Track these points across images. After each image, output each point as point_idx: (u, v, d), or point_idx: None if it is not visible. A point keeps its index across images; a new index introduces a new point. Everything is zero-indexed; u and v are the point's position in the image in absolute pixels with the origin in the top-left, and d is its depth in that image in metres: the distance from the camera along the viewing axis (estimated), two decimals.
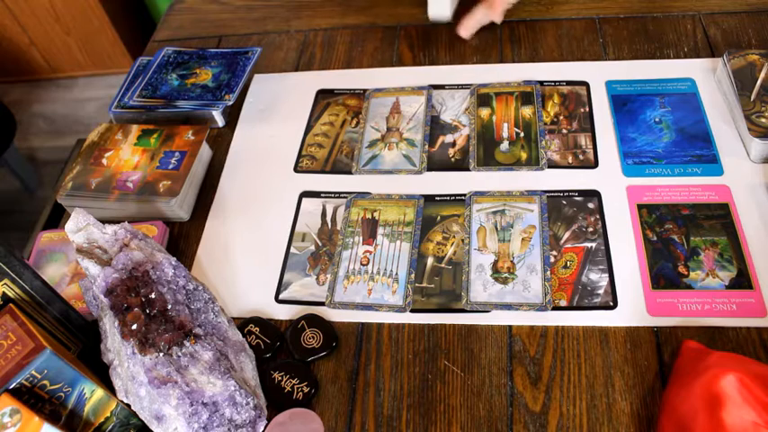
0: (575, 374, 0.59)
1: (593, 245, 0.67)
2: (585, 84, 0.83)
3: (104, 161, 0.79)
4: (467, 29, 0.90)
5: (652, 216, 0.69)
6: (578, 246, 0.67)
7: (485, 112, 0.82)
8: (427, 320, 0.64)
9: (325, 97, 0.87)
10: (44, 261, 0.72)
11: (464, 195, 0.73)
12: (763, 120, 0.71)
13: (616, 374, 0.58)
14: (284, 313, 0.67)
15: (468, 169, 0.76)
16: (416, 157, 0.78)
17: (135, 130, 0.82)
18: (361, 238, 0.71)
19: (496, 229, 0.70)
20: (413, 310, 0.65)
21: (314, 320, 0.64)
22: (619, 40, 0.88)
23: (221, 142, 0.85)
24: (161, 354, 0.53)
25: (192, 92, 0.86)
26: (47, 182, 2.02)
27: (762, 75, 0.75)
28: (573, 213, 0.70)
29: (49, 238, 0.73)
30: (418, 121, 0.82)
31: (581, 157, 0.75)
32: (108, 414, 0.55)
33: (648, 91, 0.80)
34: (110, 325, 0.56)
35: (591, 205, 0.71)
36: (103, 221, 0.61)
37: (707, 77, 0.81)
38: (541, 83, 0.84)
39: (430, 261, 0.68)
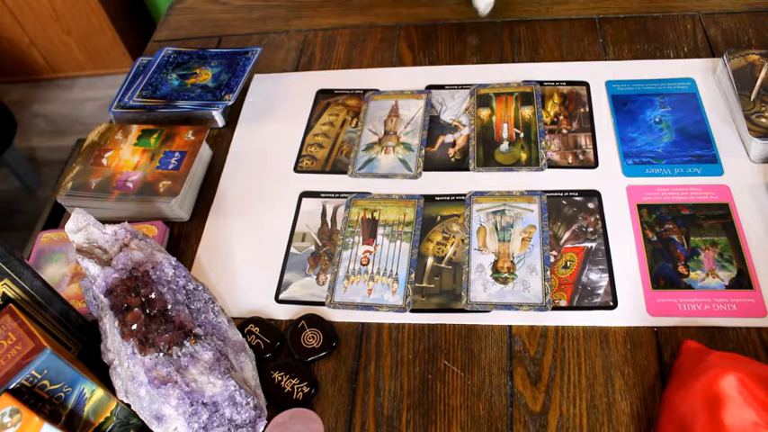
0: (575, 374, 0.59)
1: (594, 245, 0.67)
2: (585, 84, 0.83)
3: (104, 161, 0.79)
4: None
5: (652, 216, 0.69)
6: (578, 246, 0.67)
7: (484, 113, 0.82)
8: (427, 320, 0.64)
9: (325, 97, 0.87)
10: (44, 261, 0.72)
11: (464, 195, 0.74)
12: (763, 120, 0.71)
13: (616, 374, 0.58)
14: (284, 313, 0.67)
15: (467, 169, 0.76)
16: (413, 162, 0.78)
17: (135, 130, 0.82)
18: (361, 238, 0.71)
19: (496, 229, 0.70)
20: (413, 310, 0.65)
21: (314, 320, 0.64)
22: (619, 40, 0.88)
23: (221, 142, 0.85)
24: (161, 354, 0.53)
25: (192, 92, 0.86)
26: (47, 182, 2.02)
27: (762, 75, 0.75)
28: (573, 213, 0.70)
29: (49, 238, 0.73)
30: (416, 125, 0.82)
31: (581, 157, 0.75)
32: (108, 414, 0.55)
33: (648, 91, 0.80)
34: (110, 325, 0.56)
35: (591, 205, 0.71)
36: (103, 221, 0.61)
37: (707, 77, 0.81)
38: (541, 83, 0.84)
39: (430, 261, 0.68)
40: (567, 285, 0.65)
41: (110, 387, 0.55)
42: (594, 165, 0.74)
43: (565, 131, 0.78)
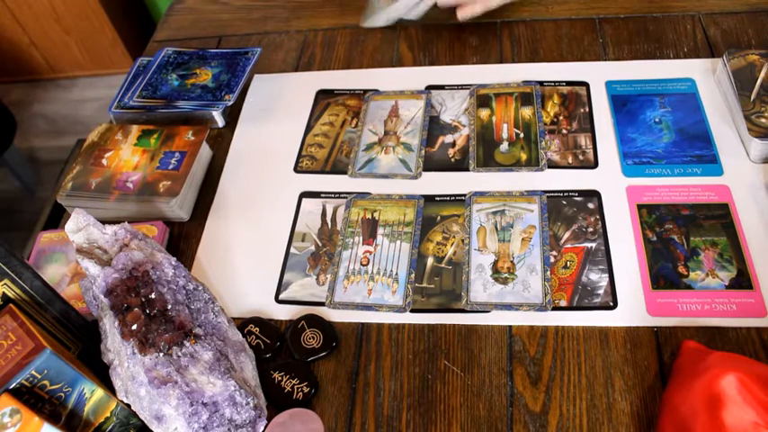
0: (575, 374, 0.59)
1: (594, 245, 0.67)
2: (585, 84, 0.83)
3: (104, 161, 0.79)
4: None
5: (652, 216, 0.69)
6: (578, 246, 0.67)
7: (484, 113, 0.82)
8: (427, 320, 0.64)
9: (325, 97, 0.87)
10: (44, 261, 0.72)
11: (464, 195, 0.74)
12: (763, 120, 0.71)
13: (616, 374, 0.58)
14: (284, 313, 0.67)
15: (467, 170, 0.76)
16: (412, 162, 0.78)
17: (135, 130, 0.82)
18: (361, 238, 0.71)
19: (496, 229, 0.70)
20: (413, 311, 0.65)
21: (314, 320, 0.64)
22: (619, 40, 0.88)
23: (221, 142, 0.85)
24: (161, 354, 0.53)
25: (192, 92, 0.86)
26: (47, 182, 2.02)
27: (762, 75, 0.75)
28: (573, 213, 0.70)
29: (49, 238, 0.73)
30: (416, 126, 0.82)
31: (581, 157, 0.75)
32: (108, 414, 0.55)
33: (648, 91, 0.80)
34: (110, 325, 0.56)
35: (591, 205, 0.71)
36: (103, 221, 0.61)
37: (707, 77, 0.81)
38: (541, 83, 0.84)
39: (430, 261, 0.68)
40: (567, 285, 0.65)
41: (110, 387, 0.55)
42: (594, 165, 0.74)
43: (565, 132, 0.78)
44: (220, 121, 0.86)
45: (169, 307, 0.56)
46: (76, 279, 0.70)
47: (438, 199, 0.74)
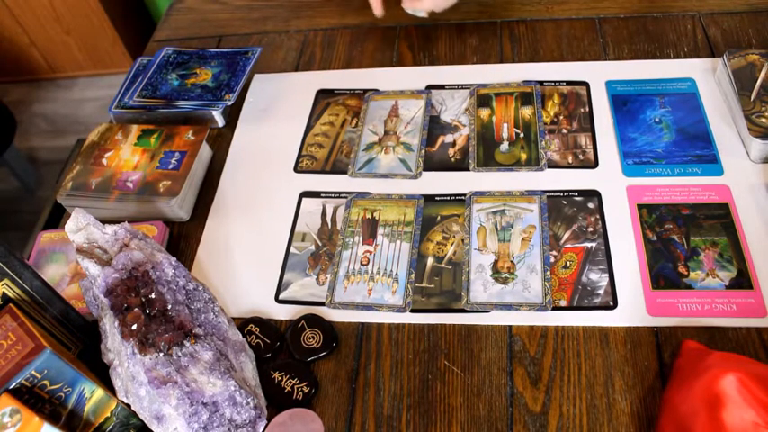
0: (575, 374, 0.59)
1: (594, 245, 0.67)
2: (585, 84, 0.83)
3: (104, 161, 0.79)
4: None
5: (652, 216, 0.69)
6: (578, 246, 0.67)
7: (484, 113, 0.82)
8: (427, 320, 0.64)
9: (325, 97, 0.87)
10: (44, 261, 0.72)
11: (464, 195, 0.74)
12: (763, 120, 0.71)
13: (616, 374, 0.58)
14: (284, 313, 0.67)
15: (467, 169, 0.76)
16: (413, 162, 0.78)
17: (135, 130, 0.82)
18: (361, 238, 0.71)
19: (496, 229, 0.70)
20: (413, 310, 0.65)
21: (314, 320, 0.64)
22: (619, 40, 0.88)
23: (221, 142, 0.85)
24: (161, 354, 0.53)
25: (192, 92, 0.86)
26: (47, 182, 2.02)
27: (762, 75, 0.75)
28: (573, 213, 0.70)
29: (49, 238, 0.73)
30: (416, 125, 0.82)
31: (581, 157, 0.75)
32: (108, 414, 0.55)
33: (648, 91, 0.80)
34: (110, 325, 0.56)
35: (591, 205, 0.71)
36: (103, 221, 0.61)
37: (707, 77, 0.81)
38: (541, 83, 0.84)
39: (430, 261, 0.68)
40: (567, 285, 0.65)
41: (110, 387, 0.55)
42: (594, 165, 0.74)
43: (565, 131, 0.78)
44: (220, 121, 0.86)
45: (169, 307, 0.56)
46: (76, 279, 0.70)
47: (438, 199, 0.74)
